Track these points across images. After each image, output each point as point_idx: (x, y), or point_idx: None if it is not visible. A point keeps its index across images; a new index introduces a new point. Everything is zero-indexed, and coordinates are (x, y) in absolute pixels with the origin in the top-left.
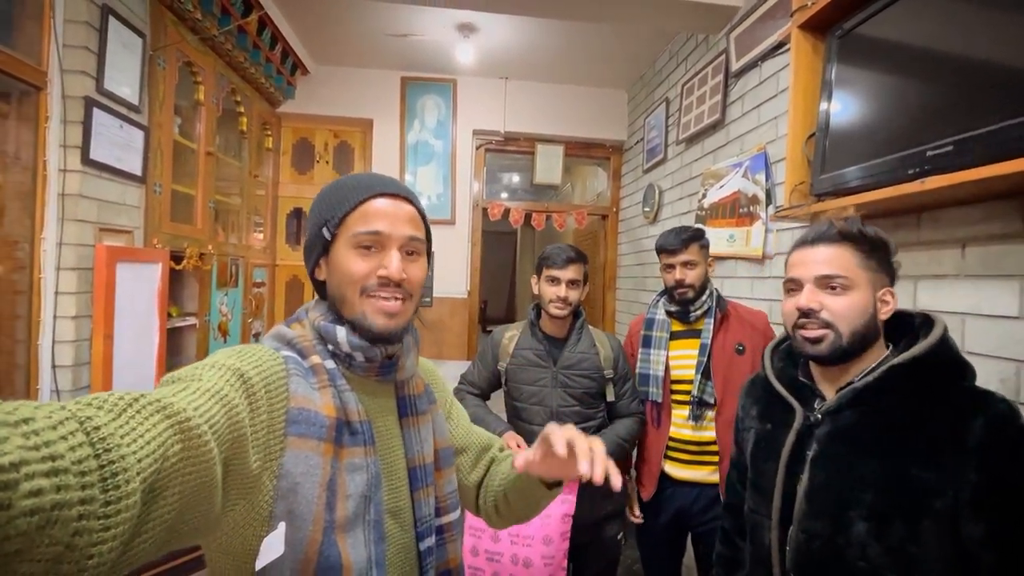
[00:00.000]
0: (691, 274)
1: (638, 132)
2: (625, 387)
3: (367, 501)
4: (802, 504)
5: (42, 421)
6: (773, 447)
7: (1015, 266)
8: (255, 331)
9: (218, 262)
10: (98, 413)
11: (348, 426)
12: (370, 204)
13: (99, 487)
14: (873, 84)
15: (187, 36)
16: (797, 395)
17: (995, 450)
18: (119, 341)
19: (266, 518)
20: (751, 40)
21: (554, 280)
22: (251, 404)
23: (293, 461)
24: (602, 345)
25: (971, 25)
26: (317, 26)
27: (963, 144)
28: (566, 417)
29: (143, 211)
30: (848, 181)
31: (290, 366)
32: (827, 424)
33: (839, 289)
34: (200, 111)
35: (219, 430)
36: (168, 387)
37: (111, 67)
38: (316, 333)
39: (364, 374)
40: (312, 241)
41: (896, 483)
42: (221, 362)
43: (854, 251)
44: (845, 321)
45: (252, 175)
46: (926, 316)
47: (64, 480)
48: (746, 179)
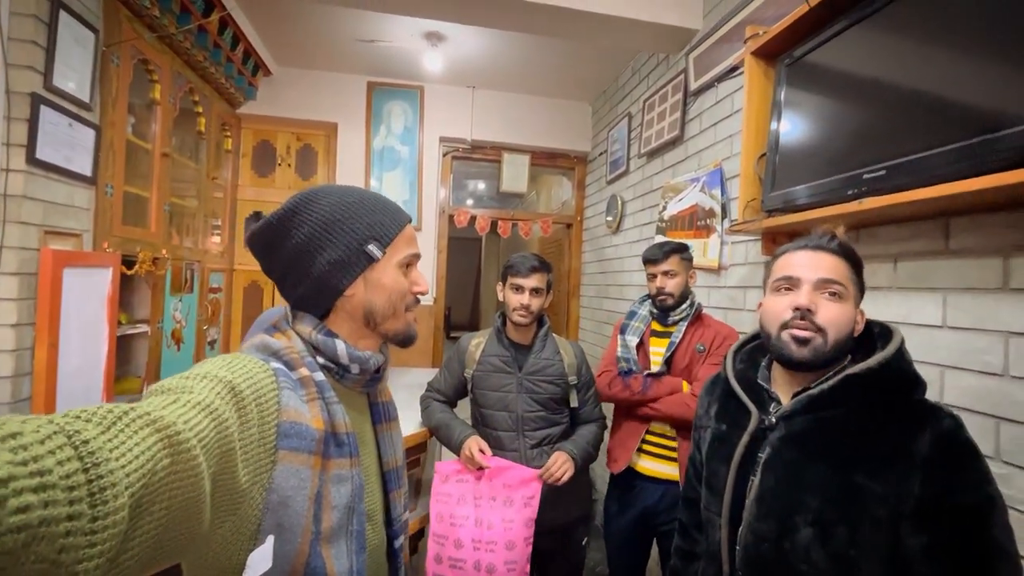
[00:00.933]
0: (671, 283)
1: (602, 144)
2: (588, 393)
3: (351, 512)
4: (752, 506)
5: (30, 435)
6: (727, 448)
7: (939, 280)
8: (211, 338)
9: (172, 267)
10: (86, 426)
11: (335, 438)
12: (408, 227)
13: (87, 502)
14: (817, 109)
15: (143, 33)
16: (754, 398)
17: (940, 465)
18: (64, 350)
19: (254, 532)
20: (709, 61)
21: (518, 288)
22: (241, 418)
23: (284, 475)
24: (566, 352)
25: (902, 60)
26: (281, 27)
27: (894, 169)
28: (531, 422)
29: (93, 213)
30: (796, 199)
31: (280, 379)
32: (780, 429)
33: (836, 297)
34: (156, 110)
35: (208, 444)
36: (158, 398)
37: (61, 63)
38: (307, 345)
39: (352, 386)
40: (353, 257)
41: (842, 491)
42: (212, 373)
43: (847, 265)
44: (835, 328)
45: (210, 177)
46: (884, 326)
47: (52, 496)
48: (703, 193)
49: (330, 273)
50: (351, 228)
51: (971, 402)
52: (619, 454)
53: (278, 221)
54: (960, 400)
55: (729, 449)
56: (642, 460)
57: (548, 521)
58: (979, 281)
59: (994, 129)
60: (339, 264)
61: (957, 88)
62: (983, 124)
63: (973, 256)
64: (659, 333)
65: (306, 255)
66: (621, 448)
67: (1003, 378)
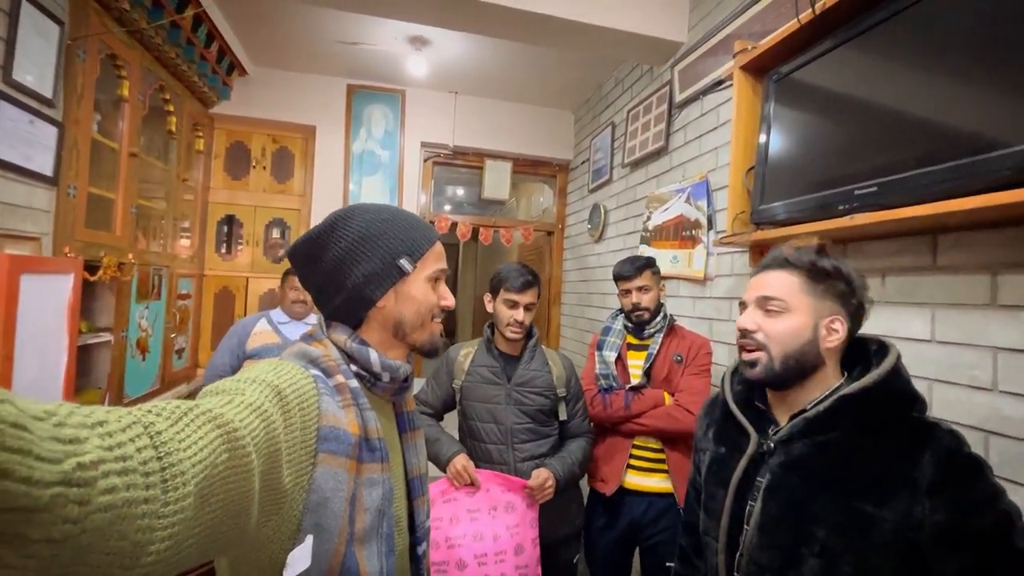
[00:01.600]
0: (645, 297)
1: (584, 153)
2: (577, 406)
3: (382, 515)
4: (753, 535)
5: (114, 424)
6: (725, 471)
7: (926, 295)
8: (178, 347)
9: (139, 272)
10: (158, 419)
11: (367, 443)
12: (438, 244)
13: (160, 487)
14: (807, 124)
15: (112, 27)
16: (753, 420)
17: (948, 489)
18: (20, 361)
19: (294, 531)
20: (694, 74)
21: (512, 304)
22: (286, 421)
23: (324, 477)
24: (554, 364)
25: (893, 79)
26: (258, 26)
27: (886, 186)
28: (521, 434)
29: (53, 216)
30: (784, 213)
31: (320, 385)
32: (780, 454)
33: (774, 311)
34: (123, 108)
35: (259, 444)
36: (214, 398)
37: (22, 55)
38: (343, 353)
39: (381, 394)
40: (386, 271)
41: (849, 520)
42: (261, 378)
43: (799, 277)
44: (777, 343)
45: (180, 178)
46: (881, 343)
47: (133, 479)
48: (688, 204)
49: (364, 284)
50: (385, 243)
51: (960, 416)
52: (607, 473)
53: (318, 235)
54: (949, 414)
55: (727, 472)
56: (629, 476)
57: None
58: (967, 297)
59: (986, 149)
60: (373, 276)
61: (949, 108)
62: (975, 144)
63: (961, 272)
64: (635, 346)
65: (343, 267)
66: (608, 467)
67: (992, 392)
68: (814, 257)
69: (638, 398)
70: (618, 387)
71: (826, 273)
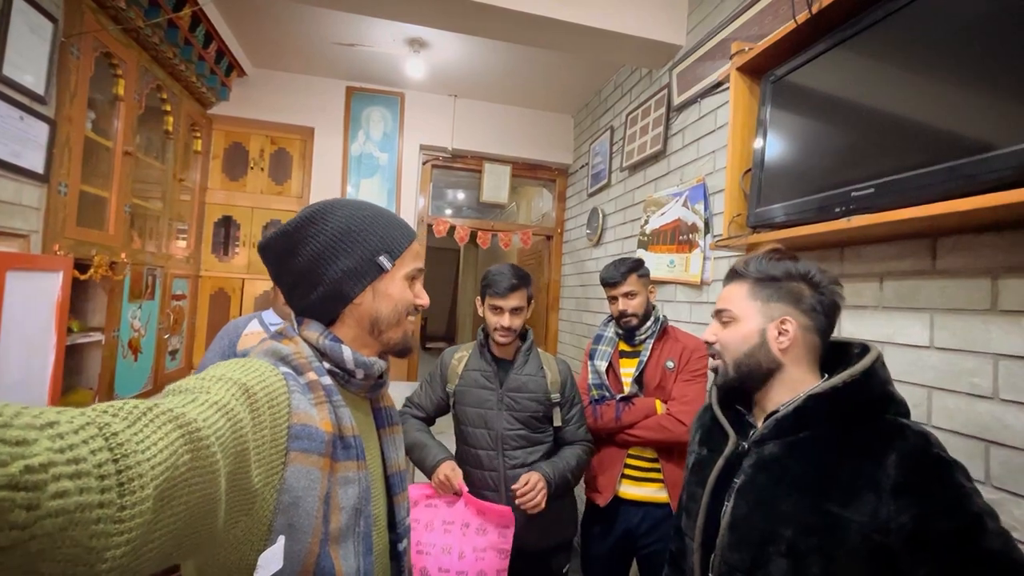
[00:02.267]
0: (632, 303)
1: (583, 157)
2: (572, 411)
3: (358, 513)
4: (725, 533)
5: (66, 425)
6: (705, 472)
7: (925, 300)
8: (172, 348)
9: (132, 271)
10: (114, 420)
11: (342, 440)
12: (415, 243)
13: (116, 491)
14: (804, 126)
15: (107, 25)
16: (733, 422)
17: (912, 490)
18: (5, 360)
19: (265, 532)
20: (692, 77)
21: (497, 309)
22: (255, 419)
23: (295, 476)
24: (549, 368)
25: (887, 83)
26: (257, 28)
27: (883, 187)
28: (512, 441)
29: (43, 213)
30: (781, 215)
31: (290, 382)
32: (753, 455)
33: (727, 321)
34: (119, 107)
35: (225, 443)
36: (176, 397)
37: (13, 52)
38: (315, 350)
39: (356, 391)
40: (365, 267)
41: (816, 521)
42: (227, 376)
43: (747, 285)
44: (728, 352)
45: (177, 178)
46: (864, 346)
47: (86, 483)
48: (686, 208)
49: (342, 280)
50: (364, 239)
51: (960, 425)
52: (603, 484)
53: (294, 230)
54: (948, 422)
55: (707, 473)
56: (623, 486)
57: (521, 544)
58: (967, 302)
59: (984, 149)
60: (352, 272)
61: (947, 108)
62: (974, 144)
63: (961, 276)
64: (627, 353)
65: (320, 263)
66: (604, 477)
67: (993, 400)
68: (759, 264)
69: (629, 408)
70: (610, 397)
71: (771, 277)
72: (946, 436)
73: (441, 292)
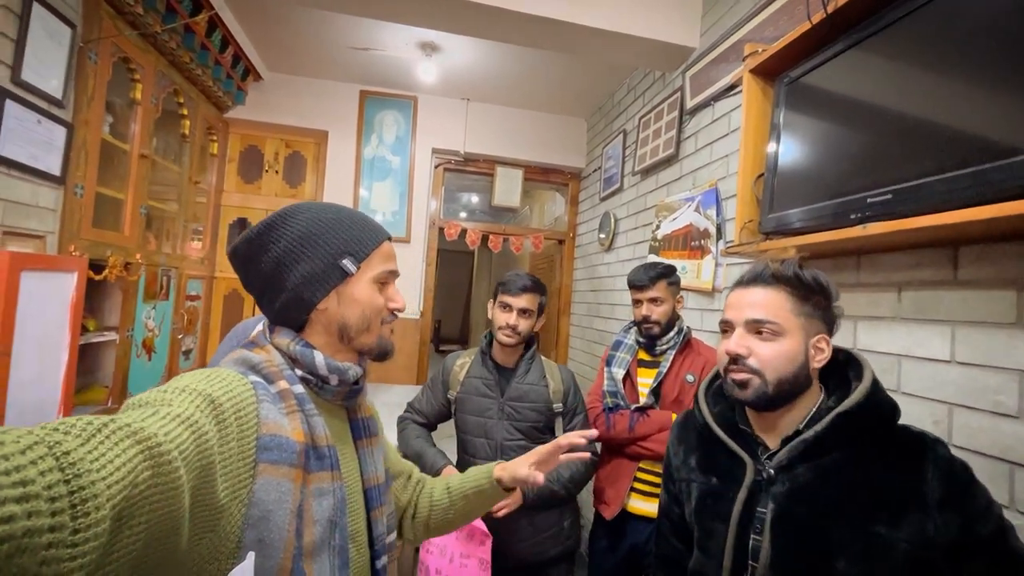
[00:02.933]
0: (657, 310)
1: (596, 161)
2: (574, 421)
3: (333, 526)
4: (765, 572)
5: (11, 445)
6: (720, 504)
7: (946, 312)
8: (185, 348)
9: (147, 272)
10: (66, 438)
11: (315, 451)
12: (386, 244)
13: (69, 514)
14: (818, 130)
15: (125, 31)
16: (741, 444)
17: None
18: (19, 359)
19: (233, 549)
20: (705, 80)
21: (506, 307)
22: (221, 431)
23: (265, 489)
24: (552, 377)
25: (906, 84)
26: (273, 33)
27: (901, 194)
28: (511, 452)
29: (59, 215)
30: (794, 222)
31: (259, 391)
32: (783, 482)
33: (768, 335)
34: (136, 110)
35: (189, 458)
36: (136, 411)
37: (32, 57)
38: (286, 357)
39: (331, 399)
40: (327, 272)
41: (866, 546)
42: (191, 386)
43: (788, 295)
44: (772, 368)
45: (192, 181)
46: (847, 353)
47: (35, 506)
48: (698, 213)
49: (303, 286)
50: (325, 242)
51: (982, 445)
52: (610, 496)
53: (257, 236)
54: (970, 442)
55: (725, 506)
56: (633, 500)
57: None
58: (990, 315)
59: (1010, 153)
60: (312, 277)
61: (970, 110)
62: (998, 148)
63: (984, 287)
64: (646, 363)
65: (282, 268)
66: (612, 489)
67: (1018, 420)
68: (799, 270)
69: (643, 420)
70: (624, 406)
71: (810, 288)
72: (968, 456)
73: (455, 295)
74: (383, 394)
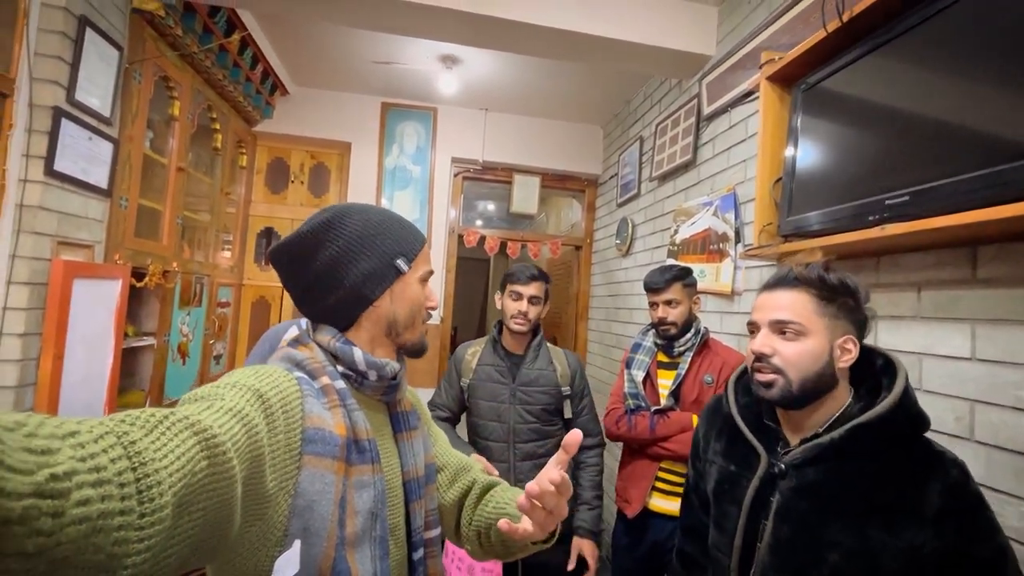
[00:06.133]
0: (673, 312)
1: (612, 167)
2: (582, 403)
3: (374, 517)
4: (765, 555)
5: (86, 435)
6: (736, 490)
7: (966, 310)
8: (216, 353)
9: (182, 280)
10: (131, 429)
11: (356, 444)
12: (426, 246)
13: (136, 499)
14: (836, 135)
15: (166, 52)
16: (762, 438)
17: (953, 518)
18: (69, 361)
19: (280, 537)
20: (722, 87)
21: (517, 296)
22: (269, 424)
23: (309, 479)
24: (559, 362)
25: (922, 87)
26: (299, 49)
27: (919, 195)
28: (524, 434)
29: (106, 225)
30: (813, 224)
31: (303, 387)
32: (792, 478)
33: (791, 335)
34: (174, 126)
35: (240, 449)
36: (192, 405)
37: (84, 78)
38: (328, 354)
39: (371, 393)
40: (385, 270)
41: (859, 544)
42: (241, 382)
43: (812, 297)
44: (795, 368)
45: (223, 192)
46: (887, 358)
47: (108, 491)
48: (716, 217)
49: (363, 283)
50: (383, 243)
51: (1004, 441)
52: (632, 495)
53: (311, 234)
54: (992, 438)
55: (739, 492)
56: (654, 499)
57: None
58: (1010, 312)
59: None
60: (372, 275)
61: (987, 111)
62: (1014, 150)
63: (1003, 286)
64: (665, 364)
65: (340, 266)
66: (635, 488)
67: None
68: (823, 273)
69: (663, 421)
70: (645, 408)
71: (835, 290)
72: (990, 452)
73: (472, 301)
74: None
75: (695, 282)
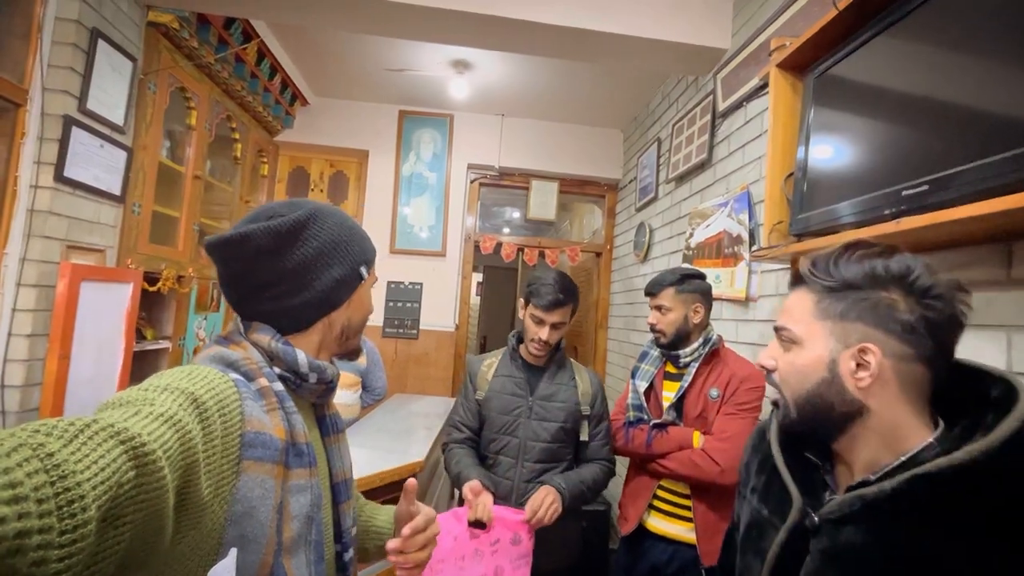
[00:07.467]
0: (663, 319)
1: (632, 171)
2: (600, 427)
3: (310, 521)
4: None
5: None
6: (762, 540)
7: (999, 315)
8: None
9: (198, 285)
10: (48, 440)
11: (295, 447)
12: None
13: (56, 515)
14: (851, 124)
15: (182, 62)
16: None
17: None
18: (77, 362)
19: (215, 546)
20: (736, 81)
21: (539, 321)
22: (204, 429)
23: (248, 485)
24: (581, 379)
25: (940, 66)
26: (317, 59)
27: (938, 183)
28: (535, 453)
29: (119, 231)
30: (826, 220)
31: (241, 389)
32: (824, 537)
33: (785, 344)
34: (191, 135)
35: (173, 457)
36: (117, 410)
37: (97, 88)
38: (263, 354)
39: (307, 396)
40: (352, 276)
41: None
42: (173, 385)
43: (814, 295)
44: (787, 387)
45: (243, 200)
46: (1009, 385)
47: (25, 508)
48: (731, 219)
49: (333, 289)
50: (352, 249)
51: None
52: (630, 512)
53: (287, 231)
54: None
55: (765, 543)
56: (651, 518)
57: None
58: None
59: None
60: (342, 281)
61: (1014, 85)
62: None
63: None
64: (672, 376)
65: (313, 269)
66: (632, 506)
67: None
68: (831, 264)
69: (661, 436)
70: (646, 420)
71: (848, 284)
72: None
73: (501, 311)
74: (415, 404)
75: (698, 288)
